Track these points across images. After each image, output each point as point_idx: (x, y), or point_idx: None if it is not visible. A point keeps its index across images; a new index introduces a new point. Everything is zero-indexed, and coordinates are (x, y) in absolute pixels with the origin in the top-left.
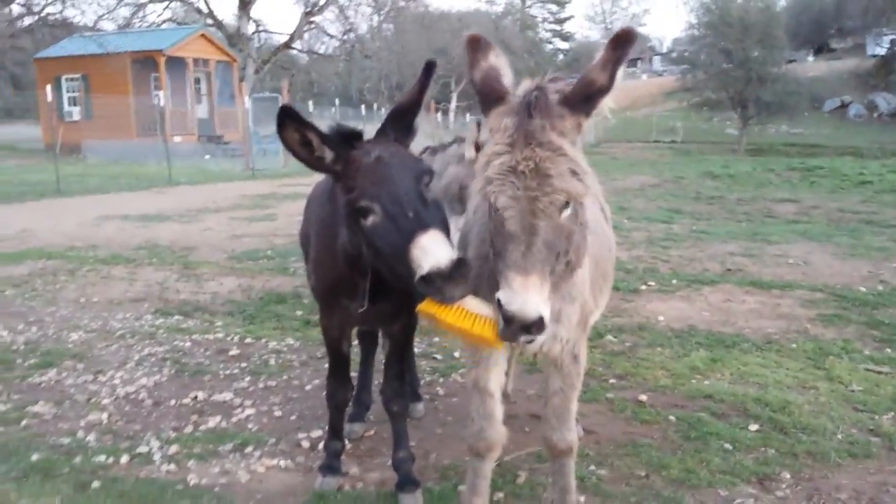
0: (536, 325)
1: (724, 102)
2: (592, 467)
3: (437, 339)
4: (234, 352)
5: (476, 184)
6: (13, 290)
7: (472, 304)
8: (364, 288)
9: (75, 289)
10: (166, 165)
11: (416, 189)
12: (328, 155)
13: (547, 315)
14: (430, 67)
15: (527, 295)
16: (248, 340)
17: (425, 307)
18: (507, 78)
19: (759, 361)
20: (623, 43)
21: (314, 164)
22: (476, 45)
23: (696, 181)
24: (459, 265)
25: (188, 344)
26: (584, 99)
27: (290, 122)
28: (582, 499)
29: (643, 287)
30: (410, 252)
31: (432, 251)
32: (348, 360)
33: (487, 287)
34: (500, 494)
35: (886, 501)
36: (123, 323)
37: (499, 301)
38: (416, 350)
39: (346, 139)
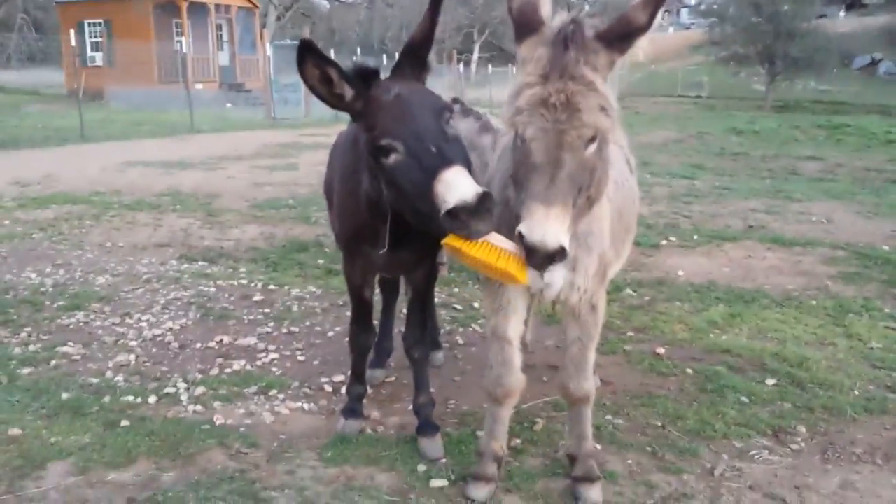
0: (559, 254)
1: (752, 57)
2: (609, 417)
3: (456, 289)
4: (257, 298)
5: (505, 112)
6: (40, 234)
7: (497, 238)
8: (384, 234)
9: (101, 233)
10: (188, 113)
11: (437, 125)
12: (348, 93)
13: (567, 244)
14: (433, 2)
15: (548, 225)
16: (271, 287)
17: (451, 241)
18: (545, 8)
19: (778, 317)
20: None
21: (334, 101)
22: None
23: (721, 137)
24: (485, 199)
25: (213, 289)
26: (620, 36)
27: (310, 57)
28: (598, 447)
29: (664, 242)
30: (434, 188)
31: (457, 185)
32: (371, 307)
33: (508, 232)
34: (518, 441)
35: None
36: (149, 267)
37: (520, 233)
38: (436, 300)
39: (365, 77)
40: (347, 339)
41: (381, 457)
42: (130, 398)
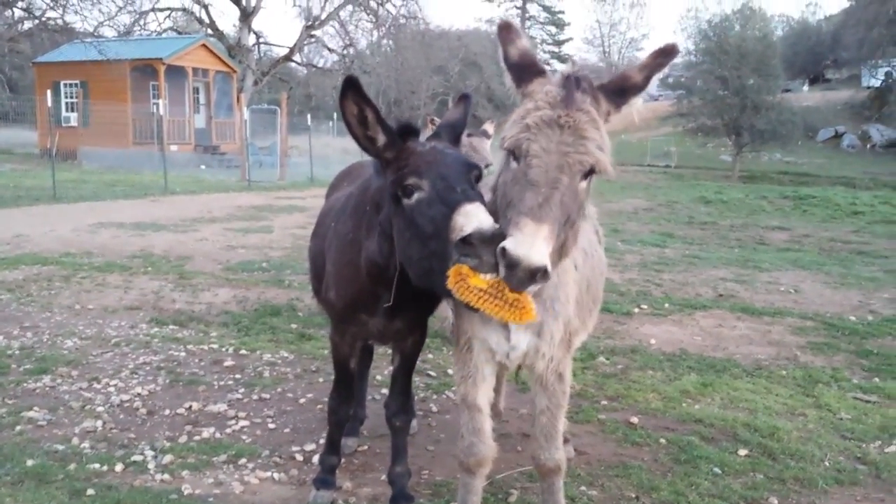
0: (541, 274)
1: (719, 129)
2: (584, 488)
3: (430, 355)
4: (228, 363)
5: (507, 131)
6: (8, 295)
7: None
8: (387, 296)
9: (70, 295)
10: (162, 174)
11: (465, 175)
12: (380, 139)
13: (551, 269)
14: (466, 98)
15: (536, 241)
16: (242, 352)
17: (456, 270)
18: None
19: (749, 387)
20: (667, 54)
21: (366, 143)
22: (510, 27)
23: (689, 206)
24: (501, 235)
25: (183, 354)
26: (618, 91)
27: (351, 93)
28: None
29: (636, 310)
30: (453, 220)
31: (476, 216)
32: (354, 377)
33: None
34: None
35: None
36: (118, 331)
37: (503, 249)
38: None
39: (404, 132)
40: (326, 407)
41: None
42: (97, 466)
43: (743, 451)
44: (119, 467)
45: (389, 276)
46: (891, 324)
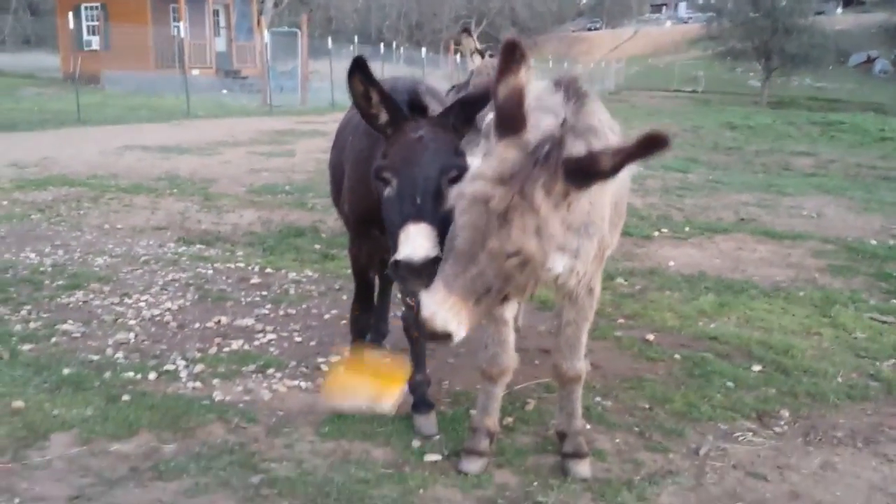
0: (442, 338)
1: (749, 53)
2: (598, 399)
3: None
4: (254, 280)
5: (462, 184)
6: (38, 215)
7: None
8: None
9: (99, 215)
10: (184, 98)
11: (436, 181)
12: (382, 116)
13: (456, 331)
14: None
15: (441, 309)
16: (268, 270)
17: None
18: (529, 98)
19: (765, 307)
20: (651, 148)
21: (369, 118)
22: (511, 55)
23: (715, 132)
24: (431, 264)
25: (210, 271)
26: (581, 173)
27: (358, 73)
28: (588, 426)
29: (656, 234)
30: (399, 233)
31: (412, 241)
32: (373, 289)
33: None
34: (510, 419)
35: (881, 440)
36: (147, 249)
37: (418, 303)
38: None
39: (411, 106)
40: (347, 319)
41: (376, 433)
42: (131, 374)
43: (756, 367)
44: (152, 376)
45: None
46: None
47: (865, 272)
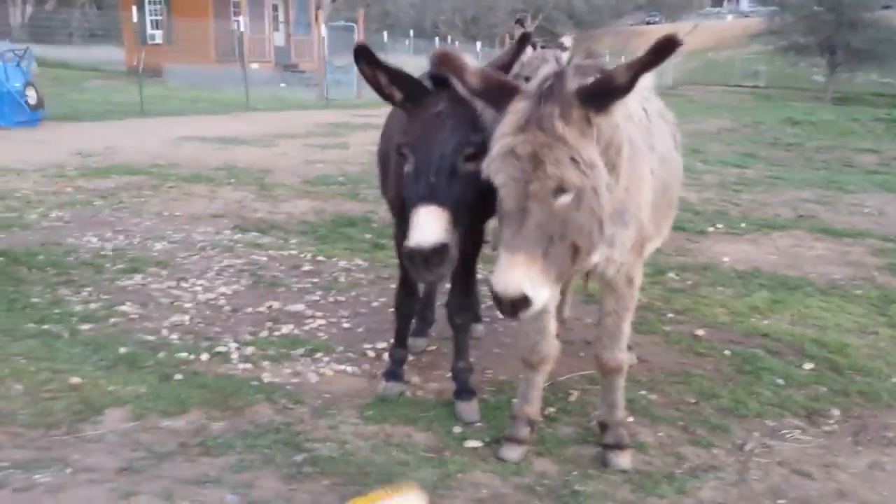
0: (521, 303)
1: (812, 47)
2: (643, 392)
3: None
4: (306, 268)
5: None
6: (101, 202)
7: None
8: None
9: (159, 203)
10: (243, 91)
11: (450, 158)
12: (397, 94)
13: (535, 294)
14: (524, 39)
15: (509, 274)
16: (319, 258)
17: None
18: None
19: (821, 305)
20: (663, 51)
21: (386, 99)
22: (445, 58)
23: (776, 127)
24: (438, 252)
25: (264, 258)
26: (598, 94)
27: (363, 59)
28: (631, 419)
29: (711, 229)
30: (411, 215)
31: (420, 227)
32: None
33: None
34: (553, 409)
35: None
36: (204, 236)
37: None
38: (479, 276)
39: (423, 87)
40: (392, 305)
41: (418, 417)
42: (184, 355)
43: (808, 365)
44: (204, 357)
45: None
46: None
47: None
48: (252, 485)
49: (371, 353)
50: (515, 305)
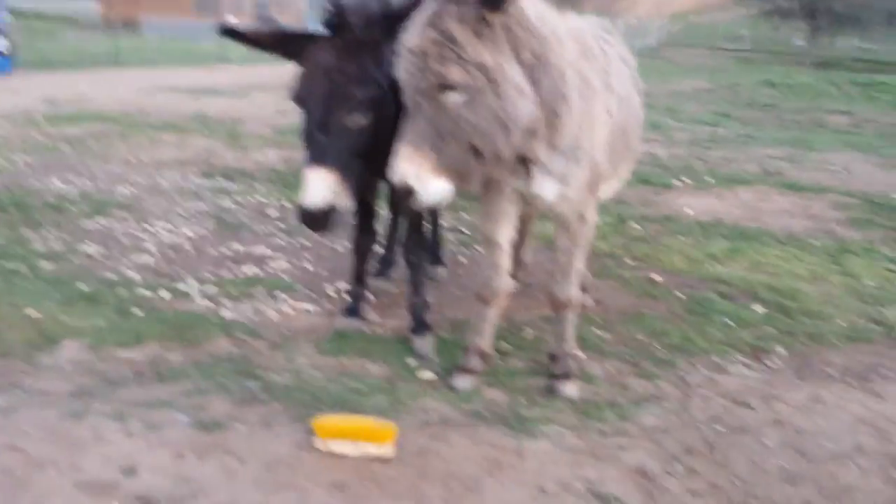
0: (412, 193)
1: (795, 12)
2: (597, 331)
3: (465, 215)
4: (272, 213)
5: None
6: (69, 148)
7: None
8: None
9: (126, 149)
10: (220, 44)
11: (334, 116)
12: (279, 49)
13: (419, 181)
14: None
15: (398, 164)
16: (286, 204)
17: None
18: None
19: (777, 254)
20: None
21: (278, 55)
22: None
23: (753, 89)
24: (324, 213)
25: (230, 204)
26: None
27: (227, 37)
28: (582, 355)
29: (677, 183)
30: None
31: (308, 189)
32: (373, 212)
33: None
34: (507, 345)
35: (875, 379)
36: (170, 182)
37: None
38: (444, 224)
39: (332, 27)
40: (350, 240)
41: (374, 351)
42: (145, 292)
43: (759, 308)
44: (165, 294)
45: None
46: None
47: (885, 225)
48: (203, 407)
49: (332, 293)
50: (409, 193)
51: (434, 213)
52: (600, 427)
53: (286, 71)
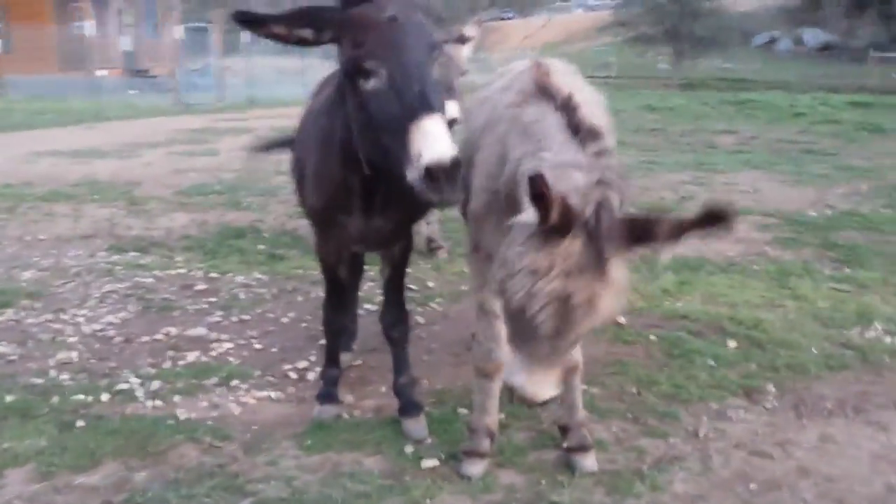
0: (545, 404)
1: (659, 37)
2: (584, 386)
3: (408, 270)
4: (200, 286)
5: (509, 280)
6: None
7: None
8: (359, 194)
9: (18, 226)
10: (91, 101)
11: (427, 62)
12: (306, 33)
13: (554, 393)
14: None
15: (544, 385)
16: (212, 275)
17: None
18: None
19: (725, 283)
20: (714, 222)
21: (299, 45)
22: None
23: (635, 114)
24: (458, 165)
25: (150, 280)
26: (637, 239)
27: (247, 28)
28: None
29: None
30: (410, 132)
31: (435, 140)
32: (345, 287)
33: (495, 216)
34: (501, 416)
35: (870, 409)
36: (77, 260)
37: (511, 374)
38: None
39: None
40: (320, 321)
41: (364, 441)
42: (81, 397)
43: (732, 343)
44: (105, 397)
45: (359, 159)
46: (850, 217)
47: (812, 243)
48: None
49: (293, 375)
50: (536, 405)
51: (403, 277)
52: (636, 503)
53: (168, 126)
